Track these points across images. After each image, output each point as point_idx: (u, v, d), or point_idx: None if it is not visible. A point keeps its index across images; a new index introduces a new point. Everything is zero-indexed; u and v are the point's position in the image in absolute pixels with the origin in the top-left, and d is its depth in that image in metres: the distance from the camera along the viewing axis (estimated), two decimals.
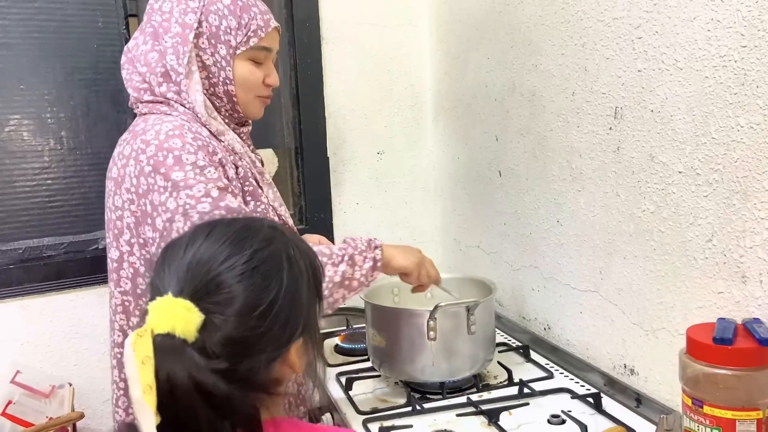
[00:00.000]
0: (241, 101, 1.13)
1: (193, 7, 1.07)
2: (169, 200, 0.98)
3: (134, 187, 1.02)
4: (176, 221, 0.97)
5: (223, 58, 1.09)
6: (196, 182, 0.98)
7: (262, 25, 1.10)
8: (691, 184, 0.96)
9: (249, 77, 1.11)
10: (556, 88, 1.28)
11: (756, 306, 0.86)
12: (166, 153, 0.99)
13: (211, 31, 1.07)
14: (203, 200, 0.97)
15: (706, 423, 0.81)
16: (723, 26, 0.87)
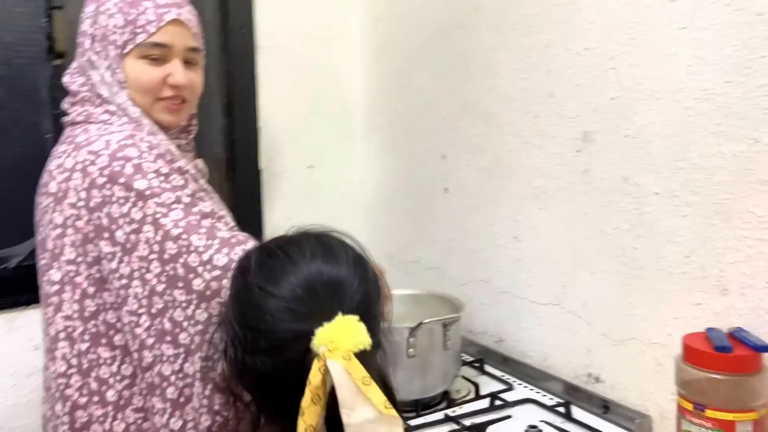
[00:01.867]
0: (142, 105, 1.03)
1: (88, 12, 1.03)
2: (132, 210, 0.92)
3: (83, 201, 0.94)
4: (145, 231, 0.91)
5: (113, 60, 1.01)
6: (162, 190, 0.93)
7: (153, 19, 1.01)
8: (669, 205, 1.04)
9: (139, 77, 1.02)
10: (516, 110, 1.34)
11: (737, 316, 0.96)
12: (123, 162, 0.93)
13: (101, 33, 1.01)
14: (174, 207, 0.93)
15: (708, 425, 0.88)
16: (705, 62, 0.97)
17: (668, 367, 1.07)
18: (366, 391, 0.57)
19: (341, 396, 0.57)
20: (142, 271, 0.92)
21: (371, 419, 0.57)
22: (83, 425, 0.98)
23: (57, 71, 1.42)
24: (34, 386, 1.44)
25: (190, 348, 0.93)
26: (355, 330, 0.60)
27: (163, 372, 0.94)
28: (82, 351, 0.97)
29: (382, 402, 0.57)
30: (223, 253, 0.90)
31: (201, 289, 0.91)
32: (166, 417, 0.95)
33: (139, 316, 0.94)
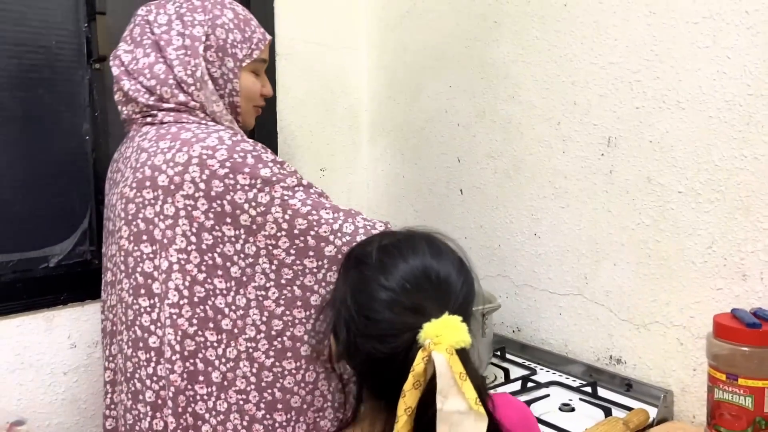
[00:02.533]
0: (243, 112, 1.19)
1: (200, 20, 1.11)
2: (259, 195, 1.02)
3: (202, 192, 1.02)
4: (273, 213, 1.03)
5: (231, 71, 1.14)
6: (284, 176, 1.05)
7: (262, 38, 1.18)
8: (692, 202, 1.18)
9: (252, 88, 1.19)
10: (538, 117, 1.46)
11: (756, 299, 1.10)
12: (244, 155, 1.03)
13: (218, 44, 1.12)
14: (297, 189, 1.05)
15: (740, 392, 1.02)
16: (729, 77, 1.11)
17: (690, 347, 1.21)
18: (461, 386, 0.63)
19: (440, 384, 0.64)
20: (269, 248, 1.04)
21: (461, 411, 0.63)
22: (184, 408, 1.03)
23: (96, 75, 1.45)
24: (70, 383, 1.46)
25: (322, 306, 1.03)
26: (459, 329, 0.66)
27: (296, 334, 1.06)
28: (189, 335, 1.03)
29: (473, 398, 0.64)
30: (349, 222, 1.07)
31: (333, 254, 1.05)
32: (301, 374, 1.07)
33: (267, 289, 1.05)
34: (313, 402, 1.08)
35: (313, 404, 1.08)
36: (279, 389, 1.06)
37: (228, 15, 1.13)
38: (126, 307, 1.08)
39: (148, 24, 1.11)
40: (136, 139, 1.11)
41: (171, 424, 1.03)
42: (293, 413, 1.07)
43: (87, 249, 1.47)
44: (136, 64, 1.10)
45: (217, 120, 1.12)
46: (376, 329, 0.71)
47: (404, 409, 0.65)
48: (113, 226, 1.12)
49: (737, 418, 1.02)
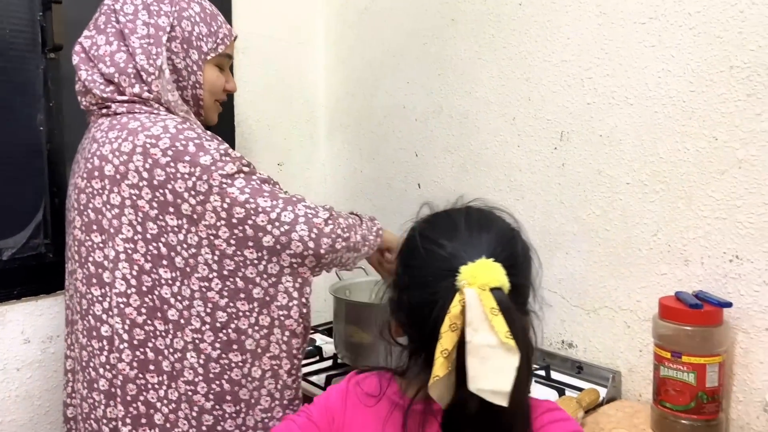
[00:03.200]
0: (205, 105, 1.20)
1: (167, 11, 1.12)
2: (198, 183, 1.01)
3: (145, 181, 1.02)
4: (212, 201, 1.01)
5: (195, 63, 1.15)
6: (225, 162, 1.03)
7: (227, 34, 1.20)
8: (639, 193, 1.25)
9: (216, 82, 1.20)
10: (494, 113, 1.51)
11: (697, 282, 1.18)
12: (186, 142, 1.03)
13: (183, 35, 1.13)
14: (237, 176, 1.03)
15: (684, 369, 1.09)
16: (673, 75, 1.18)
17: (636, 329, 1.28)
18: (492, 320, 0.64)
19: (469, 316, 0.65)
20: (211, 238, 1.02)
21: (492, 344, 0.63)
22: (134, 396, 1.04)
23: (51, 64, 1.42)
24: (24, 380, 1.43)
25: (264, 300, 1.04)
26: (493, 269, 0.67)
27: (240, 326, 1.04)
28: (138, 324, 1.03)
29: (504, 332, 0.64)
30: (289, 210, 1.03)
31: (271, 245, 1.02)
32: (247, 367, 1.05)
33: (210, 280, 1.03)
34: (260, 400, 1.08)
35: (259, 403, 1.08)
36: (227, 381, 1.06)
37: (195, 8, 1.15)
38: (80, 296, 1.08)
39: (114, 13, 1.11)
40: (92, 130, 1.11)
41: (120, 412, 1.04)
42: (242, 405, 1.07)
43: (41, 242, 1.45)
44: (97, 50, 1.10)
45: (171, 110, 1.11)
46: (417, 277, 0.73)
47: (440, 351, 0.65)
48: (70, 216, 1.13)
49: (681, 394, 1.09)
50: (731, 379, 1.14)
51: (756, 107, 1.08)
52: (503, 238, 0.74)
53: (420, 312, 0.71)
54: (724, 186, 1.13)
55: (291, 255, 1.03)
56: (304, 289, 1.07)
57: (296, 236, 1.02)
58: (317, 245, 1.04)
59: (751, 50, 1.08)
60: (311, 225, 1.04)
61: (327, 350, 1.54)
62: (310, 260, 1.05)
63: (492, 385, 0.64)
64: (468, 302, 0.65)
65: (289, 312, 1.06)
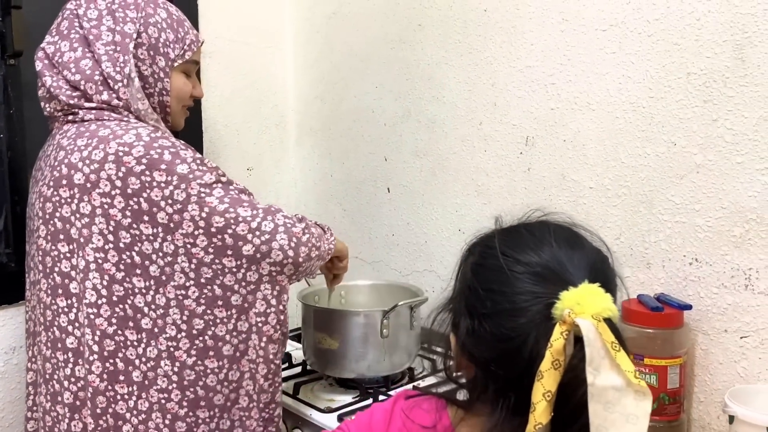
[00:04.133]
0: (173, 112, 1.19)
1: (132, 17, 1.11)
2: (176, 192, 1.01)
3: (118, 189, 1.01)
4: (190, 210, 1.01)
5: (162, 70, 1.14)
6: (203, 172, 1.04)
7: (194, 40, 1.19)
8: (602, 197, 1.27)
9: (183, 89, 1.19)
10: (460, 118, 1.52)
11: (659, 284, 1.20)
12: (161, 151, 1.02)
13: (150, 42, 1.12)
14: (215, 186, 1.04)
15: (646, 371, 1.10)
16: (633, 81, 1.20)
17: None
18: (615, 357, 0.55)
19: (589, 354, 0.55)
20: (188, 246, 1.02)
21: (618, 386, 0.54)
22: (104, 409, 1.02)
23: (11, 71, 1.40)
24: None
25: (243, 307, 1.05)
26: (603, 296, 0.58)
27: (218, 333, 1.05)
28: (108, 334, 1.02)
29: (632, 371, 0.55)
30: (269, 219, 1.05)
31: (251, 253, 1.03)
32: (224, 372, 1.06)
33: (187, 288, 1.03)
34: (238, 400, 1.09)
35: (237, 402, 1.09)
36: (202, 387, 1.06)
37: (161, 14, 1.13)
38: (44, 307, 1.06)
39: (77, 18, 1.09)
40: (57, 137, 1.09)
41: (90, 425, 1.02)
42: (216, 410, 1.08)
43: (2, 251, 1.42)
44: (61, 57, 1.08)
45: (141, 118, 1.11)
46: (505, 303, 0.63)
47: (542, 394, 0.56)
48: (33, 226, 1.10)
49: None
50: (692, 381, 1.16)
51: (712, 113, 1.10)
52: (598, 260, 0.66)
53: (506, 345, 0.62)
54: (683, 190, 1.15)
55: (270, 263, 1.04)
56: (282, 297, 1.09)
57: (276, 245, 1.04)
58: (296, 254, 1.06)
59: (707, 57, 1.10)
60: (290, 234, 1.05)
61: (296, 356, 1.53)
62: (288, 268, 1.07)
63: None
64: (586, 336, 0.56)
65: (267, 318, 1.07)
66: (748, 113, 1.06)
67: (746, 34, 1.05)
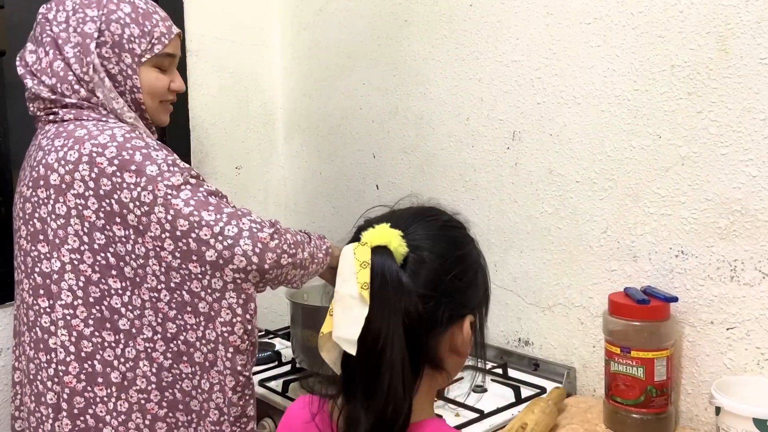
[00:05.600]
0: (149, 109, 1.16)
1: (92, 16, 1.09)
2: (143, 194, 0.99)
3: (91, 191, 1.00)
4: (156, 213, 0.99)
5: (129, 67, 1.11)
6: (172, 173, 1.01)
7: (165, 32, 1.14)
8: (588, 191, 1.27)
9: (155, 84, 1.15)
10: (448, 113, 1.52)
11: (646, 277, 1.20)
12: (132, 152, 1.01)
13: (113, 39, 1.09)
14: (183, 188, 1.01)
15: (633, 364, 1.10)
16: (618, 74, 1.20)
17: (589, 325, 1.30)
18: (358, 272, 0.65)
19: (340, 267, 0.66)
20: (157, 249, 1.00)
21: (353, 295, 0.65)
22: (81, 410, 1.02)
23: None
24: None
25: (209, 315, 1.02)
26: (384, 230, 0.68)
27: (189, 339, 1.03)
28: (85, 336, 1.01)
29: (362, 283, 0.64)
30: (233, 224, 1.00)
31: (214, 259, 0.99)
32: (197, 379, 1.04)
33: (159, 291, 1.02)
34: (209, 413, 1.05)
35: (208, 415, 1.06)
36: (179, 391, 1.05)
37: (125, 9, 1.10)
38: (27, 307, 1.06)
39: (48, 22, 1.09)
40: (38, 137, 1.09)
41: (66, 426, 1.02)
42: (194, 415, 1.06)
43: None
44: (39, 64, 1.08)
45: (119, 117, 1.09)
46: None
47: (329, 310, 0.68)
48: (15, 226, 1.10)
49: (631, 388, 1.11)
50: (679, 373, 1.16)
51: (697, 105, 1.10)
52: (417, 215, 0.73)
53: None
54: (668, 183, 1.15)
55: (234, 270, 0.99)
56: (249, 305, 1.03)
57: (239, 251, 0.98)
58: (261, 260, 1.00)
59: (691, 49, 1.10)
60: (255, 239, 1.00)
61: (285, 355, 1.53)
62: (253, 275, 1.01)
63: (346, 333, 0.65)
64: (342, 255, 0.67)
65: (233, 328, 1.02)
66: (731, 104, 1.06)
67: (729, 25, 1.05)
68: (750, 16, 1.03)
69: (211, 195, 1.03)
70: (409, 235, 0.69)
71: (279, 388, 1.35)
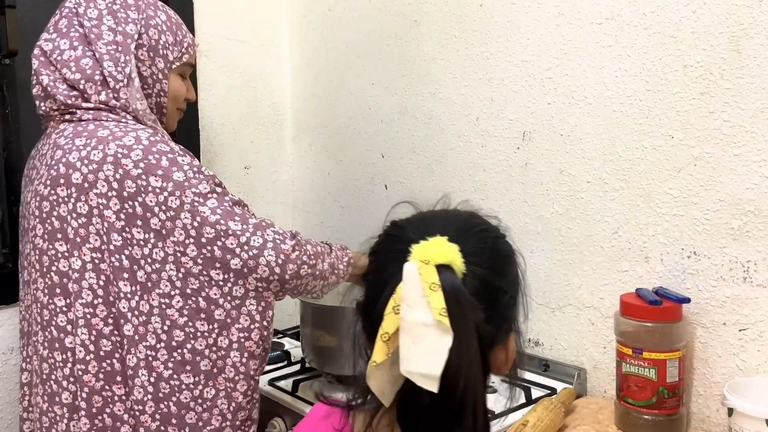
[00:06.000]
0: (168, 113, 1.19)
1: (134, 18, 1.11)
2: (170, 199, 1.00)
3: (114, 191, 1.01)
4: (182, 218, 1.00)
5: (161, 71, 1.15)
6: (199, 181, 1.03)
7: (191, 43, 1.20)
8: (599, 191, 1.26)
9: (179, 91, 1.20)
10: (457, 113, 1.51)
11: (657, 278, 1.19)
12: (159, 156, 1.02)
13: (150, 44, 1.13)
14: (210, 196, 1.02)
15: (645, 365, 1.10)
16: (630, 74, 1.20)
17: (600, 326, 1.29)
18: (429, 296, 0.58)
19: (404, 291, 0.59)
20: (178, 254, 1.01)
21: (426, 323, 0.57)
22: (99, 409, 1.02)
23: (6, 70, 1.39)
24: None
25: (225, 322, 1.03)
26: (444, 246, 0.61)
27: (197, 347, 1.03)
28: (104, 335, 1.01)
29: (439, 308, 0.57)
30: (258, 235, 1.02)
31: (239, 268, 1.01)
32: (199, 389, 1.03)
33: (172, 297, 1.02)
34: (210, 421, 1.05)
35: (210, 423, 1.05)
36: (175, 403, 1.04)
37: (161, 17, 1.15)
38: (41, 307, 1.06)
39: (76, 17, 1.09)
40: (53, 136, 1.09)
41: (85, 425, 1.02)
42: (187, 429, 1.05)
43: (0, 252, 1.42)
44: (60, 55, 1.07)
45: (139, 119, 1.10)
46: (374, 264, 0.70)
47: (380, 335, 0.59)
48: (28, 225, 1.10)
49: (643, 389, 1.10)
50: (691, 374, 1.16)
51: (709, 105, 1.09)
52: (467, 225, 0.68)
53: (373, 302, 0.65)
54: (680, 183, 1.14)
55: (257, 279, 1.02)
56: (267, 313, 1.06)
57: (264, 261, 1.01)
58: (283, 270, 1.03)
59: (703, 49, 1.09)
60: (279, 250, 1.03)
61: (295, 354, 1.53)
62: (275, 285, 1.04)
63: (422, 367, 0.57)
64: (405, 276, 0.59)
65: (250, 334, 1.04)
66: (744, 105, 1.06)
67: (742, 25, 1.05)
68: (763, 16, 1.02)
69: (236, 205, 1.04)
70: (463, 248, 0.63)
71: (289, 387, 1.35)
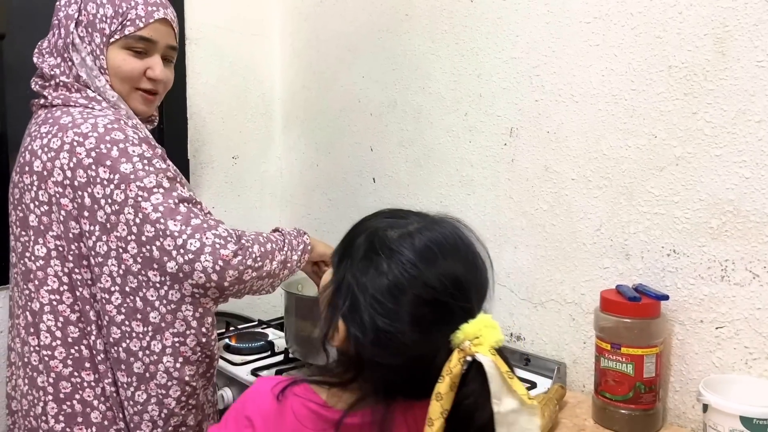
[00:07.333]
0: (120, 94, 1.10)
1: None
2: (115, 192, 0.98)
3: (68, 180, 1.00)
4: (126, 213, 0.98)
5: (98, 47, 1.09)
6: (146, 174, 0.99)
7: (143, 15, 1.10)
8: (583, 188, 1.28)
9: (123, 66, 1.09)
10: (446, 108, 1.52)
11: (638, 275, 1.21)
12: (110, 146, 0.99)
13: (88, 19, 1.08)
14: (155, 191, 0.98)
15: (623, 360, 1.12)
16: (616, 73, 1.21)
17: (581, 321, 1.31)
18: (510, 384, 0.63)
19: (493, 388, 0.62)
20: (120, 250, 0.99)
21: (515, 409, 0.62)
22: (67, 395, 1.03)
23: None
24: None
25: (160, 326, 1.00)
26: (496, 328, 0.66)
27: (131, 348, 1.01)
28: (72, 321, 1.02)
29: (525, 393, 0.63)
30: (196, 238, 0.97)
31: (174, 272, 0.97)
32: (131, 390, 1.02)
33: (111, 293, 1.00)
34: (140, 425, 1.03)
35: (140, 428, 1.04)
36: (113, 402, 1.05)
37: None
38: (20, 291, 1.07)
39: (56, 8, 1.12)
40: (31, 123, 1.10)
41: (52, 410, 1.02)
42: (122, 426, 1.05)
43: None
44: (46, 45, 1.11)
45: (101, 95, 1.07)
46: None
47: (440, 412, 0.63)
48: (8, 210, 1.11)
49: (620, 384, 1.12)
50: (668, 370, 1.18)
51: (692, 106, 1.11)
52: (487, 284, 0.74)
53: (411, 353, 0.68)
54: (662, 182, 1.16)
55: (193, 285, 0.97)
56: (205, 319, 1.02)
57: (200, 266, 0.96)
58: (221, 278, 0.97)
59: (688, 51, 1.11)
60: (217, 256, 0.97)
61: (278, 345, 1.54)
62: (212, 291, 0.99)
63: None
64: (489, 372, 0.63)
65: (185, 339, 1.01)
66: (727, 106, 1.07)
67: (727, 27, 1.06)
68: (748, 19, 1.04)
69: (183, 202, 0.99)
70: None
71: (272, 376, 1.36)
